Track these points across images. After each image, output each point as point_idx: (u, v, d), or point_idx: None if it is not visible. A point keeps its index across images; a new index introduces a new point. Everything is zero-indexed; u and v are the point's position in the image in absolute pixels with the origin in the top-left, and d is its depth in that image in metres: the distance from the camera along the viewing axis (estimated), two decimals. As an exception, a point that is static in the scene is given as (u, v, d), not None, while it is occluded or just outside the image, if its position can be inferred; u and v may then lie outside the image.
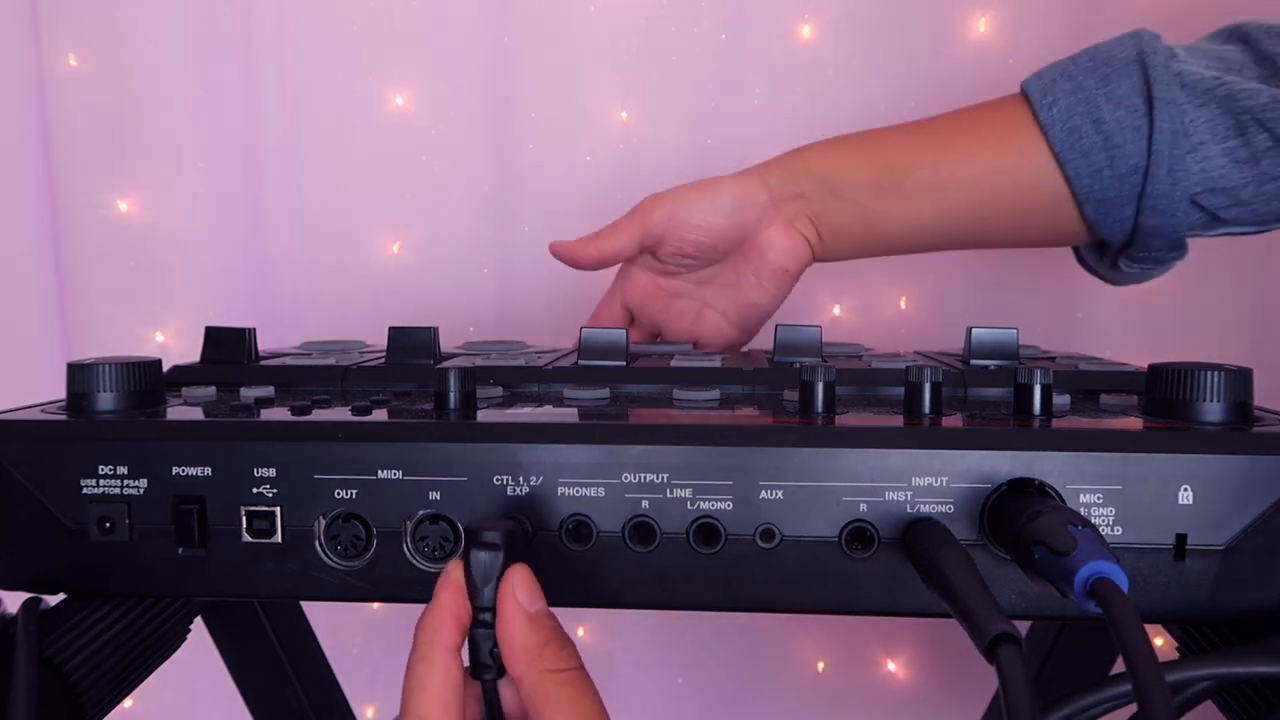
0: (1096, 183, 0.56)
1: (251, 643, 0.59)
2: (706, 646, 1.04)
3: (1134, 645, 0.27)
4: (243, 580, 0.39)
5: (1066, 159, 0.56)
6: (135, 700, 1.03)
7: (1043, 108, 0.56)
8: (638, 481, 0.37)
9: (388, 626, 1.05)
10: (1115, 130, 0.54)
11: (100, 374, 0.42)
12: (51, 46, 0.96)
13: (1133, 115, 0.54)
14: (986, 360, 0.53)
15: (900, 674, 1.03)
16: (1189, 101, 0.53)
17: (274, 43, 0.96)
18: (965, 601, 0.30)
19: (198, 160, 0.97)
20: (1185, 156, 0.54)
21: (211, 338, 0.56)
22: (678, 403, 0.44)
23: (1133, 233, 0.57)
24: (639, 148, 0.96)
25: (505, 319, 0.98)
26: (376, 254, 0.99)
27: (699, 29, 0.94)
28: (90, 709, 0.38)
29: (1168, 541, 0.36)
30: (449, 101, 0.97)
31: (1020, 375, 0.40)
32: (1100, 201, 0.56)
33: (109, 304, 0.99)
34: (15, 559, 0.40)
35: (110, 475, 0.39)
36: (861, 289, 0.97)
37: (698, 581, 0.38)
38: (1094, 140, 0.55)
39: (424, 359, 0.54)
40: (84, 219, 0.98)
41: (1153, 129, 0.54)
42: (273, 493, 0.38)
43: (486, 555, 0.33)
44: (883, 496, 0.36)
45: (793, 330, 0.56)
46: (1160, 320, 0.92)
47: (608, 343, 0.54)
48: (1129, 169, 0.55)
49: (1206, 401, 0.38)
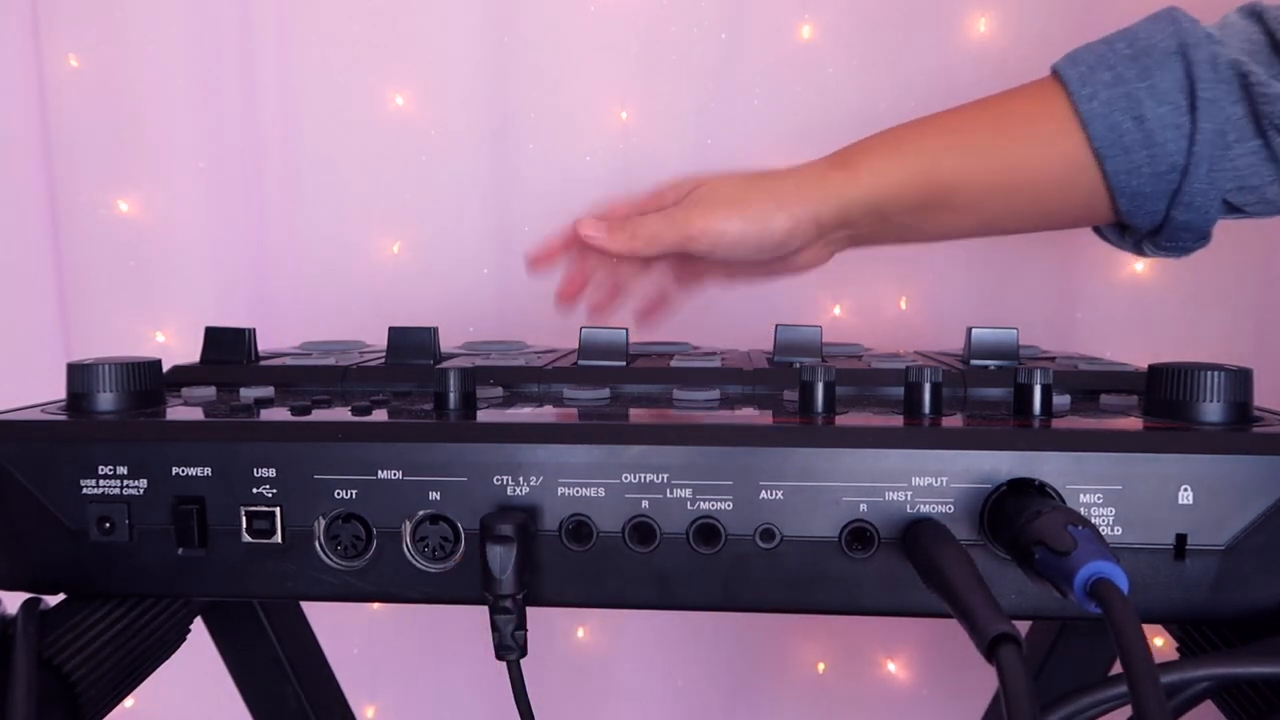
0: (1134, 179, 0.55)
1: (251, 643, 0.59)
2: (706, 646, 1.04)
3: (1131, 646, 0.27)
4: (243, 580, 0.39)
5: (1106, 154, 0.55)
6: (135, 700, 1.03)
7: (1082, 99, 0.54)
8: (638, 481, 0.37)
9: (388, 626, 1.05)
10: (1157, 129, 0.53)
11: (100, 374, 0.42)
12: (51, 46, 0.96)
13: (1175, 113, 0.53)
14: (986, 360, 0.53)
15: (900, 674, 1.03)
16: (1227, 98, 0.53)
17: (274, 43, 0.96)
18: (965, 602, 0.30)
19: (198, 160, 0.97)
20: (1222, 156, 0.53)
21: (211, 338, 0.56)
22: (678, 403, 0.44)
23: (1163, 224, 0.57)
24: (639, 148, 0.96)
25: (505, 319, 0.98)
26: (376, 254, 0.99)
27: (699, 29, 0.94)
28: (90, 709, 0.38)
29: (1168, 541, 0.36)
30: (449, 101, 0.97)
31: (1020, 375, 0.40)
32: (1135, 196, 0.56)
33: (109, 304, 1.00)
34: (15, 559, 0.40)
35: (110, 475, 0.38)
36: (861, 289, 0.97)
37: (698, 581, 0.38)
38: (1135, 138, 0.54)
39: (424, 359, 0.54)
40: (84, 219, 0.98)
41: (1195, 129, 0.53)
42: (273, 493, 0.38)
43: (501, 548, 0.35)
44: (883, 496, 0.36)
45: (793, 330, 0.56)
46: (1160, 320, 0.92)
47: (608, 343, 0.54)
48: (1168, 167, 0.54)
49: (1206, 401, 0.38)
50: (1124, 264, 0.92)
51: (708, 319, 0.96)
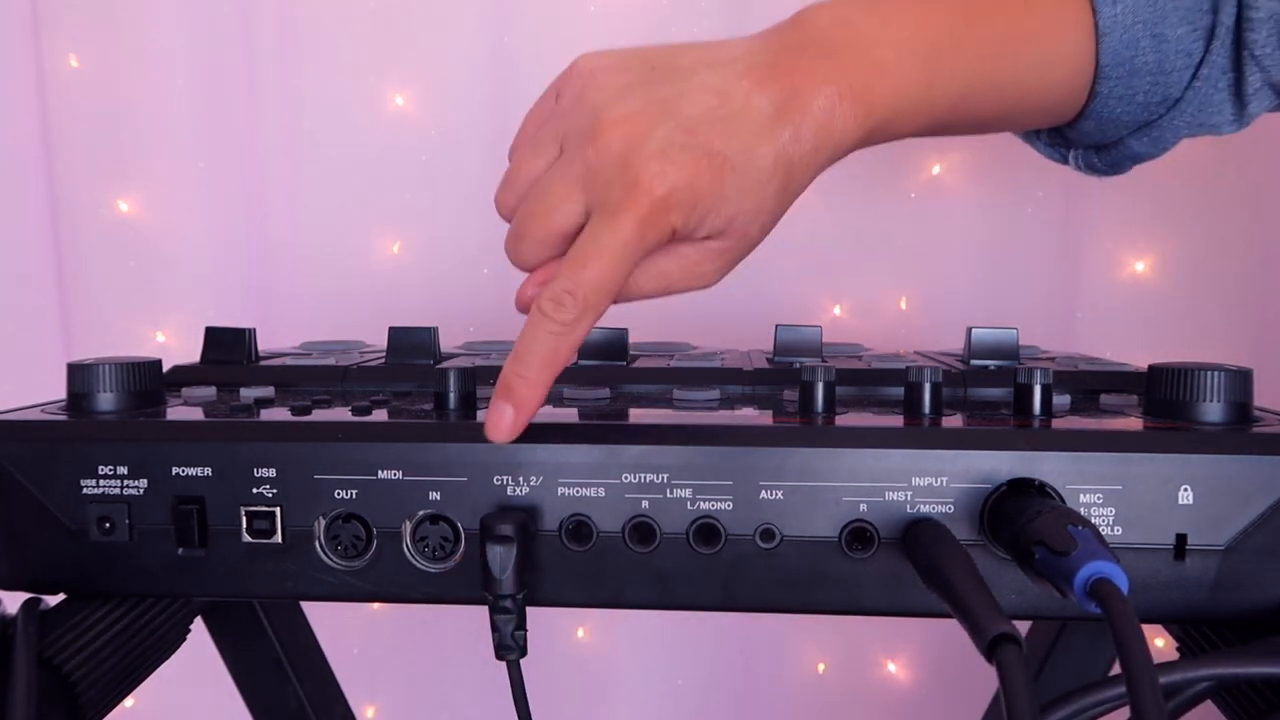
0: (1120, 106, 0.46)
1: (251, 643, 0.59)
2: (706, 646, 1.04)
3: (1131, 647, 0.27)
4: (243, 580, 0.39)
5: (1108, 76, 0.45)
6: (135, 700, 1.03)
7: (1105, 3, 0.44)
8: (638, 481, 0.37)
9: (388, 626, 1.05)
10: (1171, 54, 0.44)
11: (100, 374, 0.42)
12: (51, 46, 0.96)
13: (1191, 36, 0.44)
14: (986, 360, 0.53)
15: (901, 675, 1.03)
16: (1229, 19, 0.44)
17: (274, 43, 0.96)
18: (965, 602, 0.30)
19: (198, 160, 0.97)
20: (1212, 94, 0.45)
21: (211, 338, 0.56)
22: (678, 403, 0.44)
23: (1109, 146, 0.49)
24: (639, 148, 0.95)
25: (505, 319, 0.97)
26: (376, 254, 0.99)
27: (699, 29, 0.94)
28: (90, 709, 0.38)
29: (1168, 541, 0.36)
30: (449, 101, 0.97)
31: (1020, 375, 0.40)
32: (1106, 121, 0.47)
33: (109, 304, 1.00)
34: (15, 559, 0.40)
35: (110, 475, 0.38)
36: (861, 289, 0.97)
37: (698, 581, 0.38)
38: (1147, 60, 0.44)
39: (424, 359, 0.54)
40: (84, 219, 0.98)
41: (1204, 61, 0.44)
42: (273, 493, 0.38)
43: (501, 548, 0.35)
44: (883, 496, 0.36)
45: (793, 330, 0.56)
46: (1160, 320, 0.92)
47: (608, 343, 0.54)
48: (1160, 99, 0.45)
49: (1206, 401, 0.38)
50: (1124, 264, 0.92)
51: (708, 319, 0.96)
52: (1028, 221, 0.93)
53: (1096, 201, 0.92)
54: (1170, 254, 0.92)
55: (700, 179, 0.37)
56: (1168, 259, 0.92)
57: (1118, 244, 0.92)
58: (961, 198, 0.94)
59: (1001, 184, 0.93)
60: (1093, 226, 0.93)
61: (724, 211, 0.38)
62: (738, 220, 0.39)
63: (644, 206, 0.37)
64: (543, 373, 0.38)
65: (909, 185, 0.95)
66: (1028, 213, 0.93)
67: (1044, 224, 0.93)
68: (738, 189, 0.38)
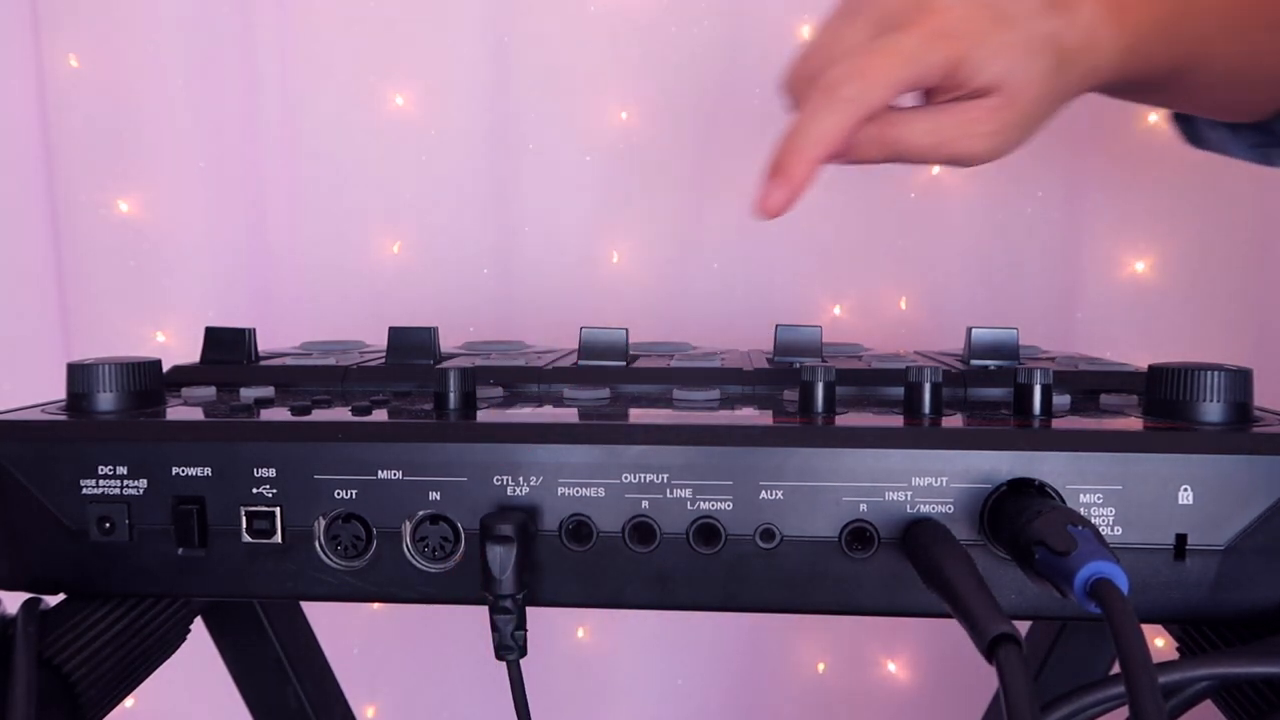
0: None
1: (251, 643, 0.59)
2: (706, 646, 1.04)
3: (1131, 646, 0.27)
4: (243, 580, 0.39)
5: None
6: (135, 700, 1.03)
7: None
8: (638, 481, 0.37)
9: (388, 626, 1.05)
10: None
11: (100, 374, 0.42)
12: (51, 46, 0.96)
13: None
14: (986, 360, 0.53)
15: (901, 675, 1.03)
16: None
17: (274, 42, 0.96)
18: (965, 602, 0.30)
19: (198, 160, 0.97)
20: None
21: (211, 338, 0.56)
22: (678, 403, 0.44)
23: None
24: (639, 148, 0.96)
25: (505, 319, 0.98)
26: (376, 254, 0.99)
27: (699, 29, 0.94)
28: (90, 709, 0.38)
29: (1168, 541, 0.36)
30: (449, 101, 0.97)
31: (1020, 375, 0.40)
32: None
33: (109, 304, 0.99)
34: (15, 559, 0.40)
35: (110, 475, 0.38)
36: (861, 289, 0.97)
37: (698, 581, 0.38)
38: None
39: (424, 359, 0.54)
40: (84, 219, 0.98)
41: None
42: (273, 493, 0.38)
43: (501, 548, 0.35)
44: (883, 496, 0.36)
45: (793, 330, 0.56)
46: (1160, 320, 0.92)
47: (608, 343, 0.54)
48: None
49: (1206, 401, 0.38)
50: (1124, 264, 0.92)
51: (708, 319, 0.97)
52: (1028, 221, 0.93)
53: (1096, 202, 0.92)
54: (1170, 254, 0.92)
55: (981, 20, 0.40)
56: (1168, 259, 0.92)
57: (1118, 244, 0.92)
58: (961, 198, 0.94)
59: (1001, 184, 0.93)
60: (1093, 226, 0.93)
61: (997, 64, 0.41)
62: (1010, 80, 0.41)
63: (929, 25, 0.40)
64: (817, 148, 0.40)
65: (909, 185, 0.95)
66: (1028, 213, 0.93)
67: (1044, 224, 0.93)
68: (1011, 44, 0.41)
